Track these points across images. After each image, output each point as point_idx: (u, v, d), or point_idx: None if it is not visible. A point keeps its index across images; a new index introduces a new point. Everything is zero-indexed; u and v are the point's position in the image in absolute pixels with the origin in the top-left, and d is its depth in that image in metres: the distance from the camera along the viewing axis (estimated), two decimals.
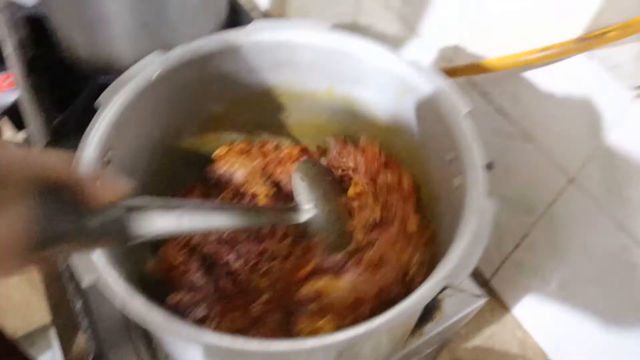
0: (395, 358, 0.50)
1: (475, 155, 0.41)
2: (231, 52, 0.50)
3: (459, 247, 0.37)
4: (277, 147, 0.60)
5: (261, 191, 0.55)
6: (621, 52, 0.52)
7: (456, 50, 0.65)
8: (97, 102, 0.43)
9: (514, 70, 0.59)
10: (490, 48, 0.61)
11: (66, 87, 0.69)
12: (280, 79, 0.54)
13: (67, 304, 0.61)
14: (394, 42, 0.77)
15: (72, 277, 0.55)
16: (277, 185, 0.57)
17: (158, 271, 0.49)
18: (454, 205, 0.42)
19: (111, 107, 0.42)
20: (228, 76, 0.52)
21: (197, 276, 0.47)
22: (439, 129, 0.46)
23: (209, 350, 0.33)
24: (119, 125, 0.43)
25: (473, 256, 0.36)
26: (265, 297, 0.47)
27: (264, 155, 0.59)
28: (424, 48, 0.71)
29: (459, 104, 0.45)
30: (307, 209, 0.49)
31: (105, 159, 0.41)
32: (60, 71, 0.70)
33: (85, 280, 0.35)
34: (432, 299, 0.35)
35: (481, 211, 0.38)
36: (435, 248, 0.52)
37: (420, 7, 0.69)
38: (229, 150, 0.58)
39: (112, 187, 0.30)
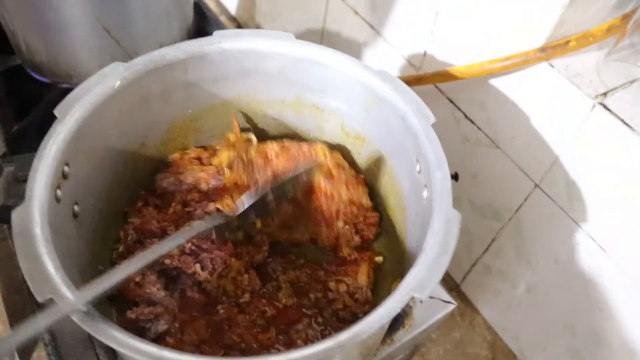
0: None
1: (441, 167, 0.42)
2: (196, 61, 0.49)
3: (426, 259, 0.37)
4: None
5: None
6: (582, 61, 0.53)
7: (424, 57, 0.66)
8: (54, 114, 0.42)
9: (480, 78, 0.59)
10: (457, 56, 0.61)
11: (25, 94, 0.67)
12: (247, 88, 0.54)
13: (28, 316, 0.59)
14: (363, 49, 0.77)
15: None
16: None
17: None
18: (422, 215, 0.42)
19: (68, 120, 0.41)
20: (193, 85, 0.51)
21: (154, 290, 0.46)
22: (407, 140, 0.46)
23: None
24: (77, 139, 0.41)
25: (439, 267, 0.36)
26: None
27: None
28: (393, 55, 0.71)
29: (425, 115, 0.45)
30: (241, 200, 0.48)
31: (62, 174, 0.40)
32: (18, 77, 0.67)
33: (39, 298, 0.34)
34: (399, 311, 0.35)
35: (447, 222, 0.38)
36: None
37: (386, 15, 0.69)
38: (182, 155, 0.56)
39: None
